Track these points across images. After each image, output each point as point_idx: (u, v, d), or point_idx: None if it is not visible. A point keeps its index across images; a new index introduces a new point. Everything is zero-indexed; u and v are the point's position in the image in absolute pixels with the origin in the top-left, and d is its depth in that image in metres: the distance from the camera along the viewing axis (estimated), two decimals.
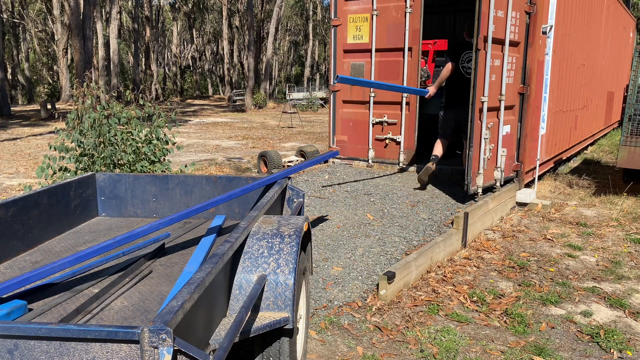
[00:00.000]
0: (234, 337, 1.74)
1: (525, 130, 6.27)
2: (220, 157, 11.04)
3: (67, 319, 2.07)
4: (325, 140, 13.28)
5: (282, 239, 2.41)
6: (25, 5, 38.61)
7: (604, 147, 11.88)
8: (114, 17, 30.88)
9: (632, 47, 14.48)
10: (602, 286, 4.09)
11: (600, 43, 10.01)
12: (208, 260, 1.90)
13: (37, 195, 3.03)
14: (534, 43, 6.07)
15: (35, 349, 1.44)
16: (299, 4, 48.66)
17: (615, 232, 5.49)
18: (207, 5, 45.03)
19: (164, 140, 5.85)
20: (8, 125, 18.65)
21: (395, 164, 7.20)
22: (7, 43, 38.86)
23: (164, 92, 41.84)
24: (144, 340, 1.38)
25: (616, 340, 3.23)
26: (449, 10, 10.30)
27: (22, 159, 10.92)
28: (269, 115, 24.54)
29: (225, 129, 17.96)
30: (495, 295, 3.87)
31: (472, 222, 4.99)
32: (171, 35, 48.35)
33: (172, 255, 2.89)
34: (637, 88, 6.81)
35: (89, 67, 25.53)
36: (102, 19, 33.79)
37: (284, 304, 2.23)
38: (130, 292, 2.38)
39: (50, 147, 5.42)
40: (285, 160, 9.23)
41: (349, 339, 3.21)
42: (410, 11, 6.70)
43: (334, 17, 7.36)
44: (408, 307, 3.64)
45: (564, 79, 7.65)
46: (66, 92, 27.79)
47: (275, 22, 32.05)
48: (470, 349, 3.13)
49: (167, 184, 3.71)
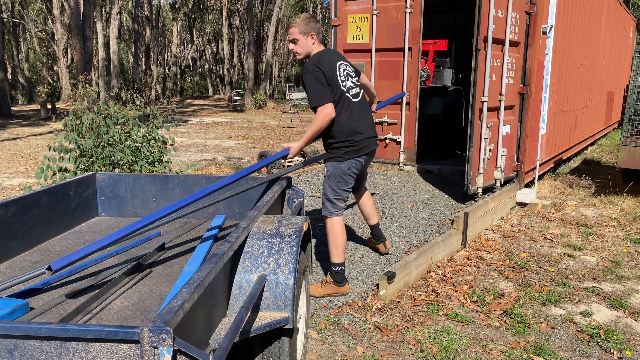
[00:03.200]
0: (234, 337, 1.74)
1: (525, 130, 6.27)
2: (220, 157, 11.05)
3: (67, 318, 2.07)
4: None
5: (282, 239, 2.41)
6: (25, 5, 38.61)
7: (604, 147, 11.88)
8: (114, 17, 30.87)
9: (632, 47, 14.49)
10: (602, 286, 4.09)
11: (600, 43, 10.01)
12: (208, 260, 1.90)
13: (37, 195, 3.03)
14: (534, 43, 6.07)
15: (35, 349, 1.44)
16: (299, 4, 48.67)
17: (615, 232, 5.49)
18: (207, 5, 45.03)
19: (162, 140, 5.85)
20: (8, 125, 18.64)
21: (395, 164, 7.20)
22: (7, 43, 38.88)
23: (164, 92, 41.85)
24: (144, 340, 1.38)
25: (616, 340, 3.23)
26: (449, 10, 10.32)
27: (22, 158, 10.92)
28: (269, 115, 24.54)
29: (225, 129, 17.95)
30: (495, 295, 3.87)
31: (472, 222, 4.99)
32: (171, 36, 48.35)
33: (172, 255, 2.89)
34: (637, 88, 6.81)
35: (89, 67, 25.55)
36: (102, 19, 33.79)
37: (284, 303, 2.23)
38: (130, 292, 2.38)
39: (50, 148, 5.41)
40: (285, 160, 9.23)
41: (349, 339, 3.21)
42: (410, 11, 6.71)
43: (334, 17, 7.37)
44: (408, 307, 3.64)
45: (564, 79, 7.65)
46: (66, 92, 27.79)
47: (275, 22, 32.05)
48: (470, 349, 3.13)
49: (167, 184, 3.71)
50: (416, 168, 7.14)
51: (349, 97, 3.58)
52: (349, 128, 3.57)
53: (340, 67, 3.58)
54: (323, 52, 3.59)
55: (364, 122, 3.66)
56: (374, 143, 3.74)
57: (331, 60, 3.55)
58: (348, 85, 3.60)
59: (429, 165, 7.30)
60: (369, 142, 3.67)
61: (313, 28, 3.54)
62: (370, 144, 3.70)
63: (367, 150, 3.68)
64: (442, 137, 8.29)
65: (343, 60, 3.69)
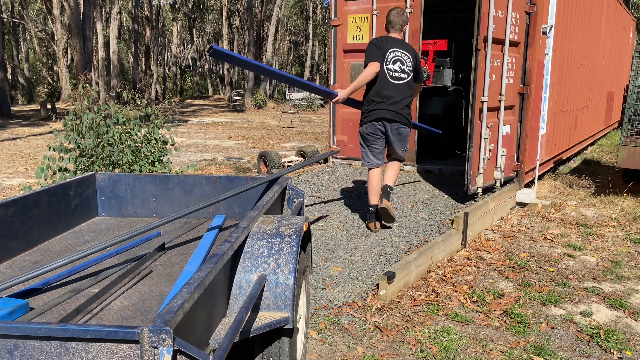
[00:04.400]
0: (233, 337, 1.74)
1: (525, 130, 6.27)
2: (220, 157, 11.05)
3: (67, 318, 2.07)
4: (325, 140, 13.28)
5: (282, 239, 2.41)
6: (25, 5, 38.60)
7: (604, 147, 11.88)
8: (114, 17, 30.88)
9: (632, 47, 14.48)
10: (602, 286, 4.09)
11: (600, 43, 10.01)
12: (208, 260, 1.90)
13: (37, 195, 3.03)
14: (534, 43, 6.07)
15: (35, 349, 1.44)
16: (299, 4, 48.64)
17: (615, 232, 5.49)
18: (207, 5, 45.02)
19: (162, 140, 5.85)
20: (8, 125, 18.65)
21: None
22: (7, 43, 38.87)
23: (164, 92, 41.84)
24: (144, 340, 1.38)
25: (616, 340, 3.23)
26: (449, 10, 10.31)
27: (22, 158, 10.92)
28: (269, 115, 24.54)
29: (225, 129, 17.96)
30: (495, 295, 3.87)
31: (472, 222, 4.99)
32: (171, 36, 48.35)
33: (172, 255, 2.89)
34: (637, 88, 6.81)
35: (89, 68, 25.55)
36: (102, 19, 33.78)
37: (283, 303, 2.23)
38: (130, 292, 2.38)
39: (50, 148, 5.42)
40: (285, 160, 9.23)
41: (349, 339, 3.21)
42: (410, 11, 6.70)
43: (334, 17, 7.37)
44: (408, 307, 3.64)
45: (564, 79, 7.65)
46: (66, 92, 27.79)
47: (275, 22, 32.05)
48: (470, 349, 3.13)
49: (167, 184, 3.71)
50: (416, 168, 7.14)
51: (387, 76, 4.54)
52: (371, 99, 4.59)
53: (390, 53, 4.56)
54: (386, 36, 4.68)
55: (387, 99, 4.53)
56: (387, 113, 4.54)
57: (387, 44, 4.57)
58: (392, 69, 4.55)
59: (429, 165, 7.30)
60: (379, 111, 4.54)
61: (388, 22, 4.69)
62: (379, 112, 4.55)
63: (376, 116, 4.56)
64: (442, 137, 8.28)
65: (401, 51, 4.59)
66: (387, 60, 4.53)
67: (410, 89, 4.64)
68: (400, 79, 4.57)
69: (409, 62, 4.61)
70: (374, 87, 4.57)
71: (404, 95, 4.59)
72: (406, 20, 4.72)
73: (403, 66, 4.58)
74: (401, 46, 4.62)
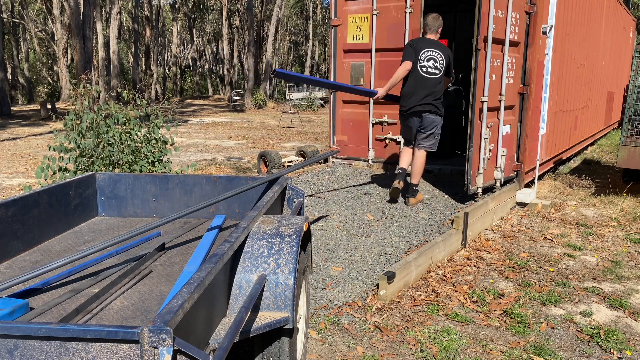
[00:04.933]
0: (233, 337, 1.74)
1: (525, 130, 6.27)
2: (220, 157, 11.05)
3: (67, 318, 2.07)
4: (325, 140, 13.28)
5: (282, 239, 2.41)
6: (25, 5, 38.60)
7: (604, 147, 11.88)
8: (114, 17, 30.88)
9: (632, 47, 14.49)
10: (602, 286, 4.09)
11: (600, 43, 10.01)
12: (208, 260, 1.90)
13: (37, 195, 3.03)
14: (534, 43, 6.08)
15: (35, 349, 1.44)
16: (299, 4, 48.64)
17: (615, 232, 5.49)
18: (207, 5, 45.02)
19: (162, 140, 5.85)
20: (8, 125, 18.65)
21: (395, 163, 7.19)
22: (7, 43, 38.87)
23: (164, 92, 41.84)
24: (144, 340, 1.38)
25: (616, 340, 3.23)
26: (449, 10, 10.29)
27: (22, 158, 10.92)
28: (269, 115, 24.55)
29: (225, 129, 17.96)
30: (495, 295, 3.87)
31: (472, 222, 4.99)
32: (171, 36, 48.35)
33: (172, 255, 2.89)
34: (637, 88, 6.81)
35: (89, 68, 25.55)
36: (102, 19, 33.80)
37: (284, 303, 2.23)
38: (130, 292, 2.38)
39: (50, 147, 5.42)
40: (285, 160, 9.23)
41: (349, 339, 3.21)
42: (410, 11, 6.70)
43: (334, 17, 7.36)
44: (408, 307, 3.64)
45: (564, 79, 7.65)
46: (66, 92, 27.80)
47: (275, 22, 32.06)
48: (470, 349, 3.13)
49: (167, 184, 3.71)
50: None
51: (420, 71, 5.28)
52: (404, 92, 5.42)
53: (424, 53, 5.29)
54: (422, 38, 5.50)
55: (418, 92, 5.28)
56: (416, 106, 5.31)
57: (421, 44, 5.33)
58: (426, 65, 5.28)
59: (429, 165, 7.27)
60: (410, 105, 5.35)
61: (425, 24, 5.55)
62: (409, 107, 5.36)
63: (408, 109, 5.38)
64: (442, 137, 8.27)
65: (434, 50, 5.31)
66: (420, 58, 5.29)
67: (440, 84, 5.33)
68: (433, 74, 5.28)
69: (441, 61, 5.29)
70: (408, 82, 5.37)
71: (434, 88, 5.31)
72: (441, 24, 5.48)
73: (436, 63, 5.28)
74: (435, 46, 5.32)
